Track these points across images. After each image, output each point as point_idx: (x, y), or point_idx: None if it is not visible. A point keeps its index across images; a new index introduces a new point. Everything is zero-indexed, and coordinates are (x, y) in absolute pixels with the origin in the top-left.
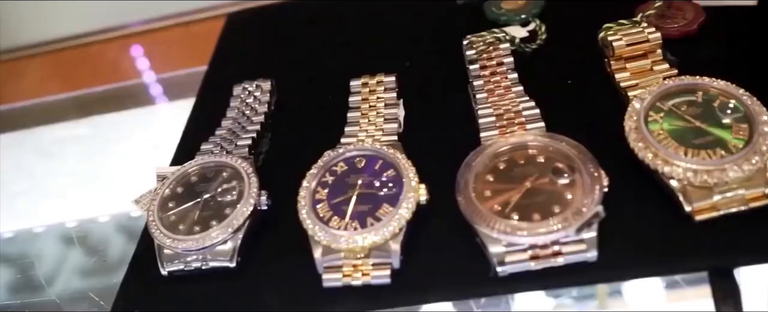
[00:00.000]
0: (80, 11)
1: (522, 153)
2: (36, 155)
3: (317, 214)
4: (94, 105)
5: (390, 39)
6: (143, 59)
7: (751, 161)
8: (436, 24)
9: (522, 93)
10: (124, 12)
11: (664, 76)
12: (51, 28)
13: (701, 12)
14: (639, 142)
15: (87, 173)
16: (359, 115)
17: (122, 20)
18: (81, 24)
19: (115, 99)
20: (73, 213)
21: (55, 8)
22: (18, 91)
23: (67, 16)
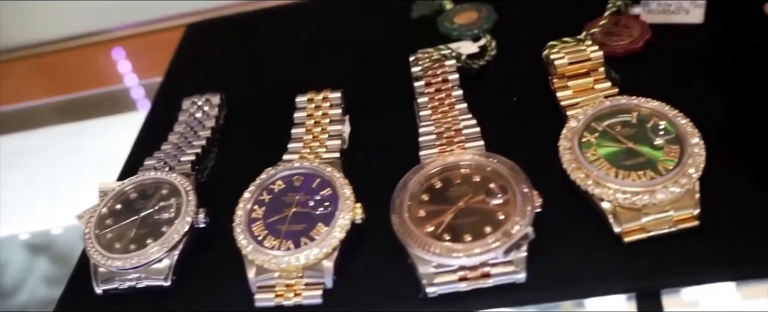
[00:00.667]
0: (34, 21)
1: (458, 172)
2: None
3: (252, 233)
4: (50, 115)
5: (346, 52)
6: (105, 68)
7: (680, 183)
8: (390, 38)
9: (465, 110)
10: (86, 20)
11: (605, 95)
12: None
13: (647, 29)
14: (572, 163)
15: (44, 184)
16: (303, 132)
17: (87, 28)
18: (35, 33)
19: (72, 108)
20: (27, 224)
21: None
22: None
23: (21, 25)
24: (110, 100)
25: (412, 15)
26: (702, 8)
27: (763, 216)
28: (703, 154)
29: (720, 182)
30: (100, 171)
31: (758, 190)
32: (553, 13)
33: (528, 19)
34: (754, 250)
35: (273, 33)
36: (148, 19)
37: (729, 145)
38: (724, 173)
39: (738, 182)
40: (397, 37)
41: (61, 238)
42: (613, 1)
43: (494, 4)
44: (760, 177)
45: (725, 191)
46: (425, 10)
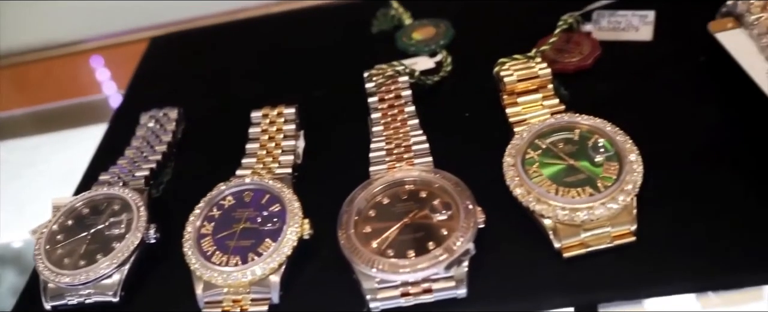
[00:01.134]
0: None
1: (404, 188)
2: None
3: (201, 249)
4: (16, 126)
5: (306, 67)
6: (74, 79)
7: (618, 200)
8: (350, 52)
9: (416, 126)
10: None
11: (552, 112)
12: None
13: (597, 47)
14: (514, 179)
15: (8, 196)
16: (258, 147)
17: (56, 39)
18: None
19: (38, 120)
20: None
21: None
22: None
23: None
24: (78, 112)
25: (373, 30)
26: (651, 26)
27: (698, 231)
28: (640, 171)
29: (658, 198)
30: (65, 184)
31: (694, 206)
32: (510, 29)
33: (485, 35)
34: (689, 265)
35: (236, 46)
36: (120, 31)
37: (669, 162)
38: (662, 189)
39: (675, 198)
40: (357, 51)
41: (26, 250)
42: (564, 19)
43: (453, 20)
44: (696, 193)
45: (662, 207)
46: (385, 25)
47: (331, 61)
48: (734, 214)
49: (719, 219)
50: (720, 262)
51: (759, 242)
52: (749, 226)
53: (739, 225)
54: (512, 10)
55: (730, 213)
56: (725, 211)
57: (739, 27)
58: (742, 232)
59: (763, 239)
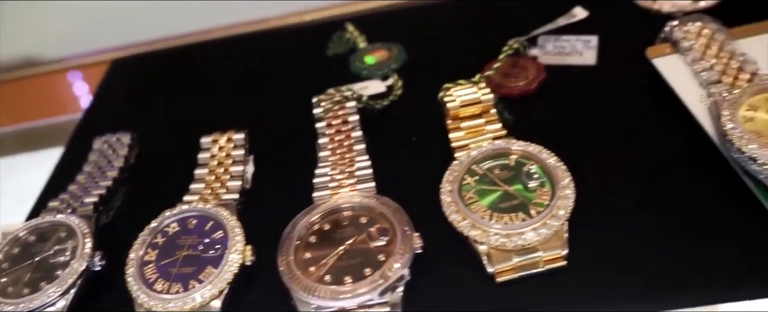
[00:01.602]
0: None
1: (345, 214)
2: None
3: (143, 276)
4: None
5: (262, 90)
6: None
7: (548, 225)
8: (306, 76)
9: (362, 152)
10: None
11: (494, 137)
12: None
13: (542, 71)
14: (450, 206)
15: None
16: (206, 173)
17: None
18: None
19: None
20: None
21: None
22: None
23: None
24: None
25: (328, 53)
26: (594, 51)
27: (630, 256)
28: (572, 196)
29: (591, 222)
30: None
31: (626, 231)
32: (462, 53)
33: (437, 59)
34: (619, 290)
35: (196, 69)
36: (86, 51)
37: (604, 186)
38: (594, 214)
39: (607, 223)
40: (312, 74)
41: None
42: (509, 44)
43: (406, 44)
44: (629, 218)
45: (595, 231)
46: (340, 48)
47: (287, 84)
48: (666, 239)
49: (651, 243)
50: (650, 285)
51: (689, 266)
52: (680, 250)
53: (671, 249)
54: (465, 34)
55: (662, 237)
56: (657, 236)
57: (675, 53)
58: (673, 255)
59: (693, 263)
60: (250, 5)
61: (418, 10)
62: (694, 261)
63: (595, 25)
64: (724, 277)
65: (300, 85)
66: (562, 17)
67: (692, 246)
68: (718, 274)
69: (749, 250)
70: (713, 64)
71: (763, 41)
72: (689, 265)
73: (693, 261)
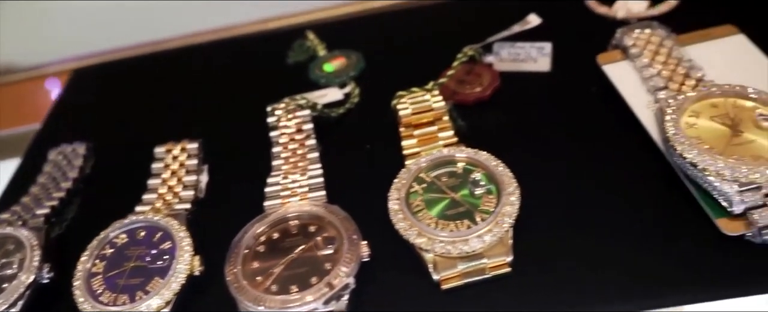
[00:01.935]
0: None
1: (294, 223)
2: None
3: (90, 288)
4: None
5: (222, 99)
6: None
7: (493, 232)
8: (266, 84)
9: (315, 160)
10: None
11: (445, 144)
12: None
13: (496, 78)
14: (397, 214)
15: None
16: (159, 183)
17: None
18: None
19: None
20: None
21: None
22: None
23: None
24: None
25: (288, 61)
26: (548, 57)
27: (572, 262)
28: (517, 203)
29: (536, 229)
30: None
31: (569, 237)
32: (421, 60)
33: (395, 66)
34: (562, 295)
35: (156, 78)
36: (49, 61)
37: (552, 192)
38: (541, 220)
39: (554, 229)
40: (272, 83)
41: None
42: (464, 51)
43: (365, 52)
44: (576, 224)
45: (540, 238)
46: (300, 56)
47: (246, 92)
48: (610, 244)
49: (595, 249)
50: (595, 291)
51: (632, 271)
52: (624, 256)
53: (615, 254)
54: (424, 41)
55: (606, 243)
56: (601, 242)
57: (626, 59)
58: (617, 261)
59: (638, 271)
60: (214, 13)
61: (378, 17)
62: (637, 266)
63: (551, 31)
64: (667, 282)
65: (259, 94)
66: (516, 24)
67: (635, 251)
68: (661, 279)
69: (691, 255)
70: (660, 71)
71: (711, 47)
72: (632, 270)
73: (636, 266)
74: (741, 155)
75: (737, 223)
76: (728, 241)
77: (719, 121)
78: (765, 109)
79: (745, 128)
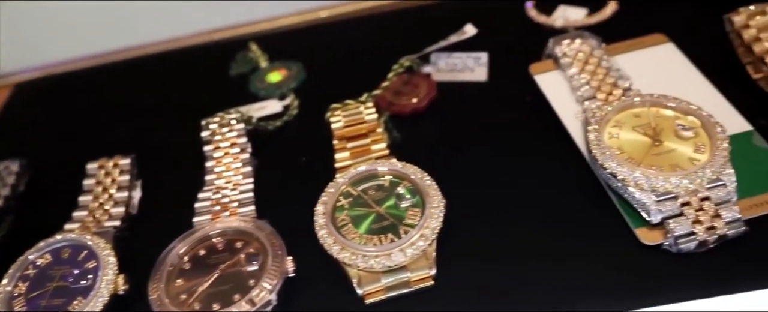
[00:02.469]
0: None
1: (221, 239)
2: None
3: (12, 310)
4: None
5: (163, 112)
6: None
7: (416, 245)
8: (208, 97)
9: (248, 174)
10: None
11: (377, 157)
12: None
13: (433, 88)
14: (322, 228)
15: None
16: (90, 199)
17: None
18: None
19: None
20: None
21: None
22: None
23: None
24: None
25: (231, 72)
26: (485, 67)
27: (497, 275)
28: (441, 216)
29: (461, 241)
30: None
31: (495, 249)
32: (362, 71)
33: (336, 77)
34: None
35: (98, 92)
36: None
37: (479, 204)
38: (466, 232)
39: (477, 241)
40: (214, 95)
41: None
42: (400, 62)
43: (308, 63)
44: (499, 236)
45: (465, 250)
46: (243, 68)
47: (187, 105)
48: (533, 256)
49: (520, 261)
50: (518, 303)
51: (556, 282)
52: (548, 267)
53: (538, 266)
54: (366, 52)
55: (530, 255)
56: (526, 254)
57: (557, 69)
58: (541, 272)
59: (560, 279)
60: (158, 25)
61: (322, 28)
62: (561, 277)
63: (491, 40)
64: (590, 293)
65: (200, 107)
66: (453, 34)
67: (560, 262)
68: (584, 290)
69: (610, 264)
70: (589, 80)
71: (641, 56)
72: (556, 281)
73: (560, 277)
74: (660, 165)
75: (656, 232)
76: (647, 251)
77: (641, 131)
78: (684, 119)
79: (666, 137)
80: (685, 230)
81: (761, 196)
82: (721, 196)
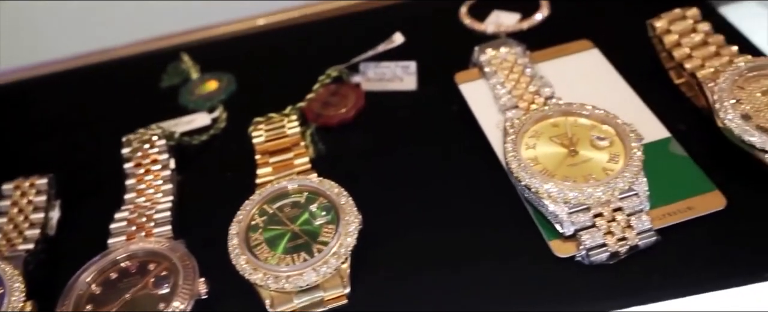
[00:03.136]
0: None
1: (133, 262)
2: None
3: None
4: None
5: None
6: None
7: (328, 264)
8: (138, 111)
9: (169, 192)
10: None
11: (298, 172)
12: None
13: (361, 98)
14: (235, 249)
15: None
16: (5, 221)
17: None
18: None
19: None
20: None
21: None
22: None
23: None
24: None
25: (162, 84)
26: (414, 76)
27: (412, 291)
28: (355, 233)
29: (377, 257)
30: None
31: (412, 264)
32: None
33: (269, 88)
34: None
35: (25, 107)
36: None
37: (397, 217)
38: (382, 248)
39: (394, 256)
40: (143, 109)
41: None
42: (327, 73)
43: (240, 73)
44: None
45: (381, 266)
46: (175, 80)
47: (115, 120)
48: (451, 270)
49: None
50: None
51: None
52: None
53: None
54: (299, 62)
55: (448, 269)
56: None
57: (482, 77)
58: (456, 287)
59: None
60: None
61: (256, 37)
62: (475, 290)
63: (423, 48)
64: (504, 306)
65: (128, 122)
66: (382, 43)
67: (475, 276)
68: (498, 303)
69: (527, 278)
70: (511, 89)
71: (567, 63)
72: (470, 294)
73: (474, 290)
74: (574, 176)
75: (569, 244)
76: (561, 262)
77: (558, 141)
78: (599, 128)
79: (582, 147)
80: (596, 242)
81: (675, 205)
82: (633, 206)
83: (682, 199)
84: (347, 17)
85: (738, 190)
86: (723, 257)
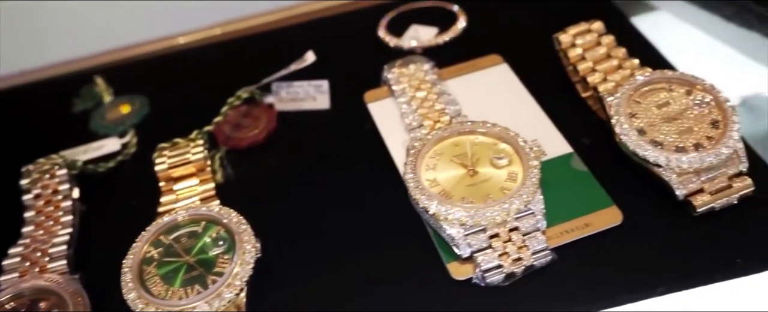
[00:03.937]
0: None
1: (22, 300)
2: None
3: None
4: None
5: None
6: None
7: (222, 297)
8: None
9: (68, 224)
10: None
11: (201, 198)
12: None
13: (273, 120)
14: (128, 283)
15: None
16: None
17: None
18: None
19: None
20: None
21: None
22: None
23: None
24: None
25: (75, 109)
26: (327, 95)
27: None
28: (252, 262)
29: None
30: None
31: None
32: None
33: (182, 111)
34: None
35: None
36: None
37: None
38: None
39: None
40: (52, 135)
41: None
42: (237, 95)
43: (154, 96)
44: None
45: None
46: (88, 103)
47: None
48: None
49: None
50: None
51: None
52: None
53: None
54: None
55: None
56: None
57: (391, 96)
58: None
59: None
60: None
61: (171, 57)
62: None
63: (338, 65)
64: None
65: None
66: (294, 62)
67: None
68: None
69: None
70: (417, 108)
71: (476, 79)
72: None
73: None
74: (472, 196)
75: (466, 266)
76: (459, 285)
77: (458, 161)
78: (497, 146)
79: (482, 166)
80: (491, 263)
81: (573, 222)
82: (529, 226)
83: (581, 216)
84: (267, 34)
85: (635, 204)
86: (617, 274)
